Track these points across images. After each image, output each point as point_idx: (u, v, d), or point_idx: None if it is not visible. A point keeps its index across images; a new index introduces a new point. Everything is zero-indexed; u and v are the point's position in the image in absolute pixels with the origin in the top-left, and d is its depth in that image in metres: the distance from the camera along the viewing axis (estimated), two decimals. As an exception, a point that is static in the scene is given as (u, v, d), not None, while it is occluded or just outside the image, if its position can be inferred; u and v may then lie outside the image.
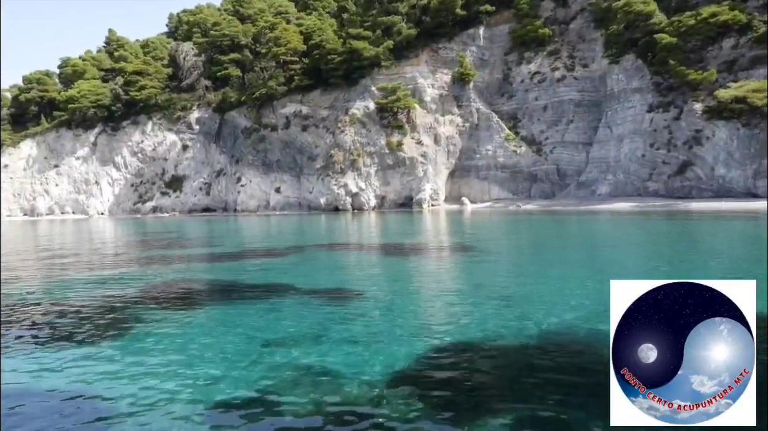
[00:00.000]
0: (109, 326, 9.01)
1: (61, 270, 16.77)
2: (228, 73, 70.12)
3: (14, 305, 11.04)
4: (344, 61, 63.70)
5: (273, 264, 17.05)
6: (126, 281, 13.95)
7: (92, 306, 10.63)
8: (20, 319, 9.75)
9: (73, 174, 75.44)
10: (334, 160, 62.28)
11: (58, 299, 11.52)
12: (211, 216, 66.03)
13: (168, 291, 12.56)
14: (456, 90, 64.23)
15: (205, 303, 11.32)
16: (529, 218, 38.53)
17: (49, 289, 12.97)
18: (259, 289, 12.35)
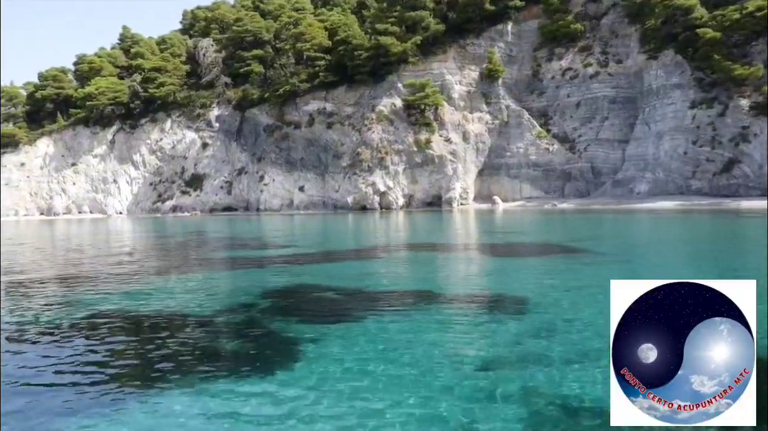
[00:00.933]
0: (259, 348, 7.57)
1: (161, 279, 15.49)
2: (251, 69, 68.79)
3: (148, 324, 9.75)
4: (371, 57, 62.38)
5: (379, 267, 15.80)
6: (241, 288, 12.68)
7: (227, 324, 9.29)
8: (165, 346, 8.47)
9: (91, 172, 74.09)
10: (362, 158, 61.01)
11: (184, 313, 10.21)
12: (233, 215, 64.74)
13: (297, 299, 11.29)
14: (484, 87, 62.97)
15: (348, 313, 9.96)
16: (580, 217, 37.24)
17: (163, 300, 11.70)
18: (397, 295, 11.09)
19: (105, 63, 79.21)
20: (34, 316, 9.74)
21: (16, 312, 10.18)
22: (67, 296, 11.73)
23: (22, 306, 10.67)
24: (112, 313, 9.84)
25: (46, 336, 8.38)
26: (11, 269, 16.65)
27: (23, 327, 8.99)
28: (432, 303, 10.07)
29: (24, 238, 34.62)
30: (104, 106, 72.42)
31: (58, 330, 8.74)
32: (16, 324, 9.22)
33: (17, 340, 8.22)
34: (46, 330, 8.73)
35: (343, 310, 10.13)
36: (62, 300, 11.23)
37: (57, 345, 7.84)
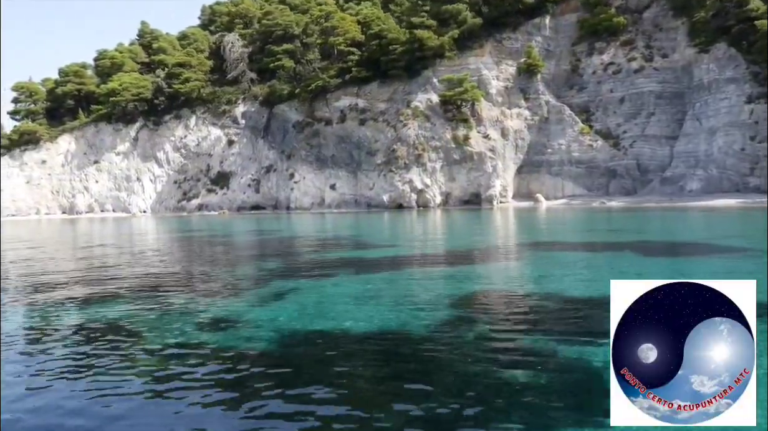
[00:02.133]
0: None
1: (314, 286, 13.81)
2: (282, 64, 67.06)
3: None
4: (406, 52, 60.75)
5: (535, 266, 14.15)
6: (443, 296, 11.03)
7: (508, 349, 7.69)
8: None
9: (114, 170, 72.38)
10: (397, 155, 59.36)
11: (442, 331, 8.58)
12: (262, 214, 63.07)
13: (527, 307, 9.65)
14: (522, 82, 61.39)
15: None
16: (642, 215, 35.59)
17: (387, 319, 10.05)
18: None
19: (126, 58, 77.50)
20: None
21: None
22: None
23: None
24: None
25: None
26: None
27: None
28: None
29: (46, 241, 32.95)
30: (128, 102, 70.75)
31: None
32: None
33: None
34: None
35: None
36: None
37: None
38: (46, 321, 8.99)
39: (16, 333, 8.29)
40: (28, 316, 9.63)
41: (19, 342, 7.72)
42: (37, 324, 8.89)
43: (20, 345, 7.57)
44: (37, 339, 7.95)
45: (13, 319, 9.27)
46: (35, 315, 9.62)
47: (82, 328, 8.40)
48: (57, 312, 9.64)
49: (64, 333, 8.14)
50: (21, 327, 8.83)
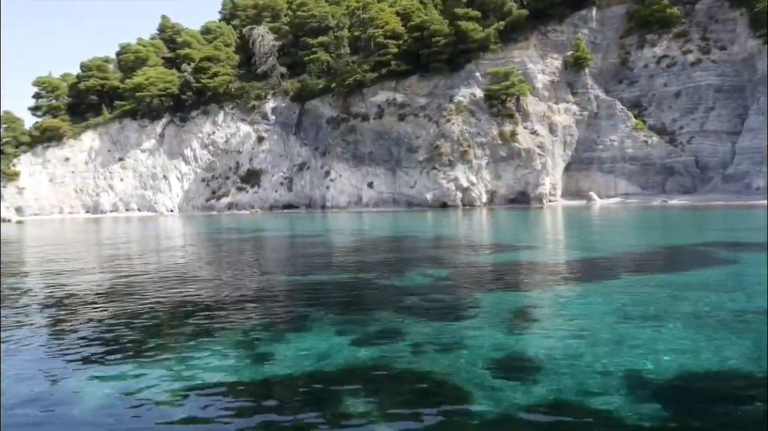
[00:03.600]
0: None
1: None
2: (317, 57, 64.62)
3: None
4: (449, 44, 58.37)
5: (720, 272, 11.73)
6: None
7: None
8: None
9: (139, 168, 69.93)
10: (441, 151, 56.96)
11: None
12: (296, 213, 60.66)
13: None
14: (569, 76, 59.05)
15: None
16: (744, 214, 33.20)
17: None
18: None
19: (150, 53, 75.01)
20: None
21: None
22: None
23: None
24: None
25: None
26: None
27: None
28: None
29: (69, 244, 30.51)
30: (154, 97, 68.27)
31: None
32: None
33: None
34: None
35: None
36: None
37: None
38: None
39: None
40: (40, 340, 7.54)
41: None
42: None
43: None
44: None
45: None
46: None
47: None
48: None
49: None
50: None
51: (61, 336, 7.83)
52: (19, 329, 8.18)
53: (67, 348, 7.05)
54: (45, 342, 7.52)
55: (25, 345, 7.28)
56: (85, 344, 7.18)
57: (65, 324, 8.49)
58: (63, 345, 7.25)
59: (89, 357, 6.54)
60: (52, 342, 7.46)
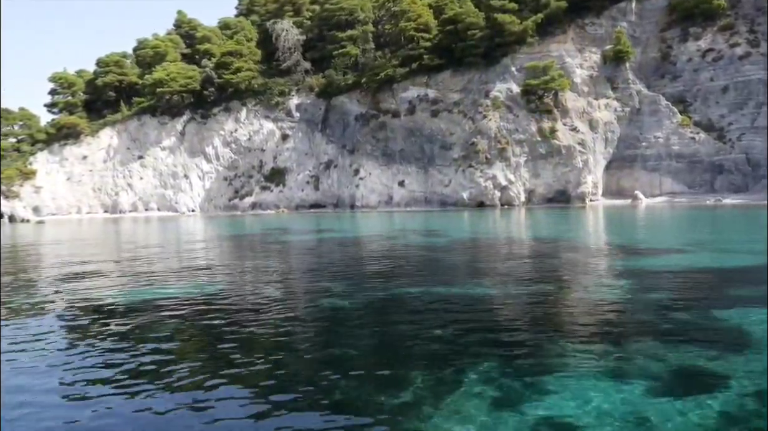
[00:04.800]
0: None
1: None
2: (346, 51, 62.50)
3: None
4: (485, 38, 56.30)
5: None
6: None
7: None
8: None
9: (159, 166, 67.72)
10: (478, 148, 54.89)
11: None
12: (322, 212, 58.55)
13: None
14: (608, 70, 57.03)
15: None
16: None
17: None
18: None
19: (169, 48, 72.85)
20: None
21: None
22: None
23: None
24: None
25: None
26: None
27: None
28: None
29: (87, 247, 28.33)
30: (175, 93, 66.08)
31: None
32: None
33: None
34: None
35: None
36: None
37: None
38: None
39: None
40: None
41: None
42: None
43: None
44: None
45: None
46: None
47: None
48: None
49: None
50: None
51: (89, 349, 6.89)
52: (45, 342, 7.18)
53: (87, 361, 6.33)
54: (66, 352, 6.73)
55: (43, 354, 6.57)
56: (110, 362, 6.29)
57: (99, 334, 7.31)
58: (89, 357, 6.49)
59: (108, 374, 5.86)
60: (75, 354, 6.62)
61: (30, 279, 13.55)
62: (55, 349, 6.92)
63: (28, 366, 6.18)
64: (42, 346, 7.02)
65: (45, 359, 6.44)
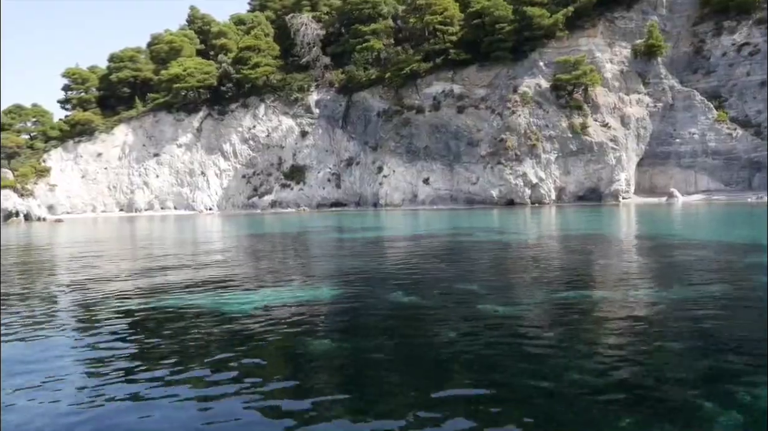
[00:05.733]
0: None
1: None
2: (370, 45, 61.09)
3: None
4: (513, 32, 54.91)
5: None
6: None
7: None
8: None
9: (176, 164, 66.28)
10: (507, 145, 53.50)
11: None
12: (343, 211, 57.07)
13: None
14: (639, 65, 55.65)
15: None
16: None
17: None
18: None
19: (185, 42, 71.38)
20: None
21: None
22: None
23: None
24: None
25: None
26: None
27: None
28: None
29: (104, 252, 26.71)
30: (191, 89, 64.64)
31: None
32: None
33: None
34: None
35: None
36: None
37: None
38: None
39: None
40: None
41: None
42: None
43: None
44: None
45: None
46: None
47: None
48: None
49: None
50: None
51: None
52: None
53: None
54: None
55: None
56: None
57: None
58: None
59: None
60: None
61: (54, 284, 12.14)
62: (76, 366, 5.86)
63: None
64: (65, 363, 5.92)
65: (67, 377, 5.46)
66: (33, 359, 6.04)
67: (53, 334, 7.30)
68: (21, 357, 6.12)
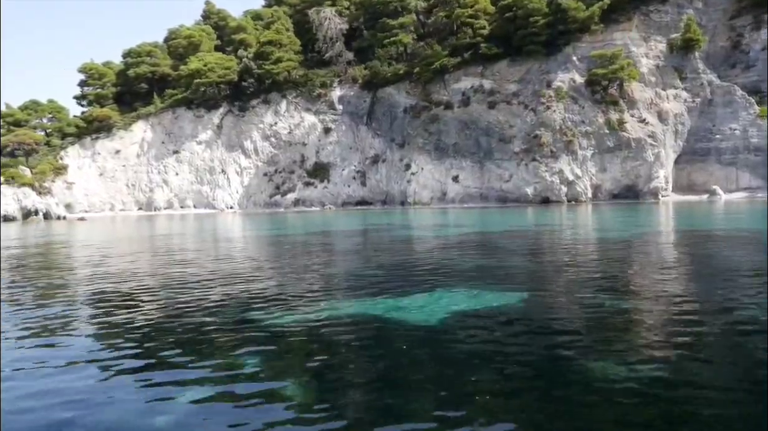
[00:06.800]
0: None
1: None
2: (398, 40, 59.63)
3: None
4: (548, 25, 53.49)
5: None
6: None
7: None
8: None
9: (195, 161, 64.67)
10: (542, 141, 52.05)
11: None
12: (369, 209, 55.52)
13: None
14: (675, 60, 54.28)
15: None
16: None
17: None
18: None
19: (204, 37, 69.81)
20: None
21: None
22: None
23: None
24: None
25: None
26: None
27: None
28: None
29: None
30: (213, 84, 63.06)
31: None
32: None
33: None
34: None
35: None
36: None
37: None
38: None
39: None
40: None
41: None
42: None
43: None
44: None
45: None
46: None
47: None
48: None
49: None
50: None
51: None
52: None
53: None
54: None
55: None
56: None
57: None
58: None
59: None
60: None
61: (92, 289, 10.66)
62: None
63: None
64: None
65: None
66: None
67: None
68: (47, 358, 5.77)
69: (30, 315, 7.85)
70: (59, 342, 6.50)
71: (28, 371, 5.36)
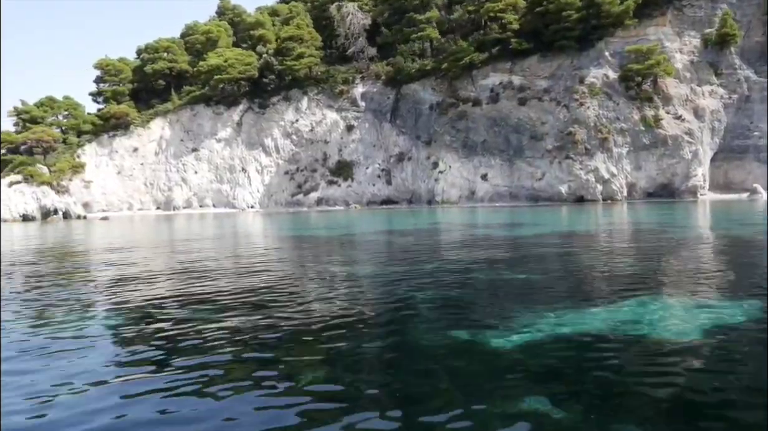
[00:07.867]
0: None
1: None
2: (426, 35, 58.34)
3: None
4: (581, 20, 52.28)
5: None
6: None
7: None
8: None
9: (215, 159, 63.27)
10: (576, 138, 50.83)
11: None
12: (395, 208, 54.16)
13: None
14: (710, 55, 53.16)
15: None
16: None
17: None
18: None
19: (222, 33, 68.39)
20: None
21: None
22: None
23: None
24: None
25: None
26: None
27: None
28: None
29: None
30: (233, 81, 61.68)
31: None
32: None
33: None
34: None
35: None
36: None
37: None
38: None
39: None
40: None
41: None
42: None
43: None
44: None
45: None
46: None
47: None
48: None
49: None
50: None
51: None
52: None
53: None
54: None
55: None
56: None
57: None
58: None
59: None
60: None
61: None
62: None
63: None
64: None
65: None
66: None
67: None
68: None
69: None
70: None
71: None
